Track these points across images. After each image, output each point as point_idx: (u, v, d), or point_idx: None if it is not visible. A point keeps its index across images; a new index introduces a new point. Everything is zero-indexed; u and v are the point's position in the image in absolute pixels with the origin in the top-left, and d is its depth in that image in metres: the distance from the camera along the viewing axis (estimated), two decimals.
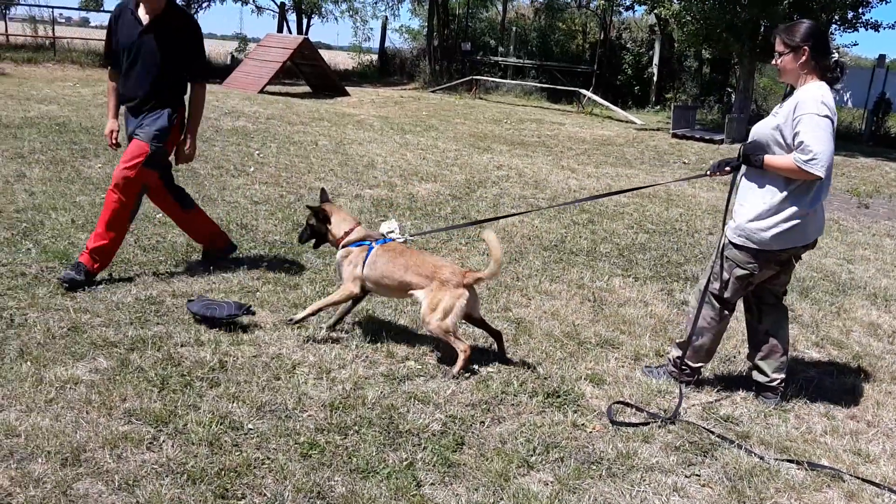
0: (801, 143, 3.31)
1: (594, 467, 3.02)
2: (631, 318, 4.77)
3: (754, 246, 3.53)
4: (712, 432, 3.40)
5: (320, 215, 4.14)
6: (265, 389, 3.37)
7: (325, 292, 4.76)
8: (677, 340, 3.91)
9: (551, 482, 2.90)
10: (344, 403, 3.31)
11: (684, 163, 13.00)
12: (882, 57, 21.18)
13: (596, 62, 25.59)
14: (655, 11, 19.93)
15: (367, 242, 4.07)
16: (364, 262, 3.98)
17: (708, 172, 3.86)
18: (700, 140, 16.32)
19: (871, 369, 4.37)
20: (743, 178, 3.66)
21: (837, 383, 4.11)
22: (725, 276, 3.66)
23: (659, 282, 5.66)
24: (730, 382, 3.99)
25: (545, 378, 3.76)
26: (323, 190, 4.37)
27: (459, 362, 3.68)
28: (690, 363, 3.82)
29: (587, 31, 28.68)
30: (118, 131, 4.87)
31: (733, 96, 20.89)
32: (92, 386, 3.21)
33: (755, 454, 3.23)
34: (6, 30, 23.35)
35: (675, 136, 16.79)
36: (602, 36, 26.60)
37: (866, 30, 17.32)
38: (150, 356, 3.58)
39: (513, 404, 3.49)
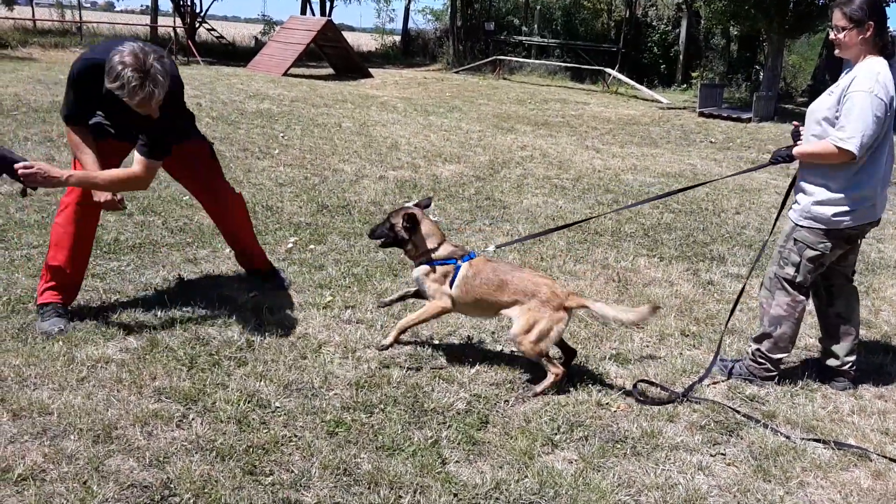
0: (840, 120, 3.28)
1: (619, 446, 3.03)
2: (656, 297, 4.75)
3: (823, 226, 3.48)
4: (738, 411, 3.38)
5: (411, 222, 3.63)
6: (292, 368, 3.40)
7: (350, 273, 4.80)
8: (754, 335, 3.80)
9: (576, 460, 2.91)
10: (369, 382, 3.34)
11: (711, 142, 12.85)
12: None
13: (621, 41, 25.30)
14: None
15: (454, 261, 3.62)
16: (452, 282, 3.58)
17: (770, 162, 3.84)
18: (727, 119, 16.09)
19: None
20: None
21: (866, 362, 4.06)
22: (796, 258, 3.58)
23: (684, 262, 5.62)
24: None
25: (560, 358, 3.76)
26: (429, 198, 4.01)
27: (547, 382, 3.39)
28: (771, 355, 3.69)
29: (612, 10, 28.36)
30: None
31: (761, 74, 20.57)
32: (122, 365, 3.27)
33: (781, 433, 3.21)
34: (33, 15, 23.60)
35: (701, 114, 16.57)
36: (627, 14, 26.27)
37: None
38: (179, 336, 3.64)
39: (532, 381, 3.49)
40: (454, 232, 5.98)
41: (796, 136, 3.69)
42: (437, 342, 3.86)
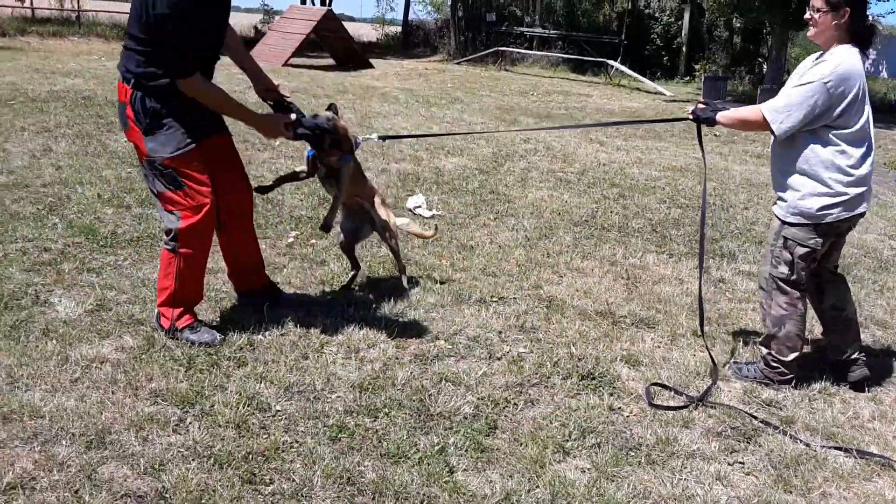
0: (781, 92, 3.34)
1: (633, 454, 2.92)
2: (666, 296, 4.63)
3: (811, 221, 3.39)
4: (755, 417, 3.27)
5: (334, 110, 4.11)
6: (293, 369, 3.29)
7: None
8: (760, 339, 3.70)
9: (588, 469, 2.80)
10: (373, 384, 3.22)
11: (716, 135, 12.70)
12: None
13: (623, 32, 25.12)
14: None
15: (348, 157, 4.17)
16: None
17: (690, 116, 3.80)
18: None
19: None
20: (777, 150, 3.50)
21: (883, 365, 3.95)
22: (788, 256, 3.48)
23: (694, 258, 5.50)
24: None
25: (579, 359, 3.65)
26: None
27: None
28: (782, 357, 3.57)
29: (614, 1, 28.15)
30: None
31: (765, 67, 20.41)
32: (118, 365, 3.16)
33: (801, 441, 3.10)
34: (32, 3, 23.37)
35: None
36: (630, 5, 26.08)
37: None
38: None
39: (546, 386, 3.38)
40: (458, 227, 5.86)
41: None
42: (442, 341, 3.74)
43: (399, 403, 3.09)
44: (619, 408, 3.26)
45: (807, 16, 3.39)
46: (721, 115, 3.57)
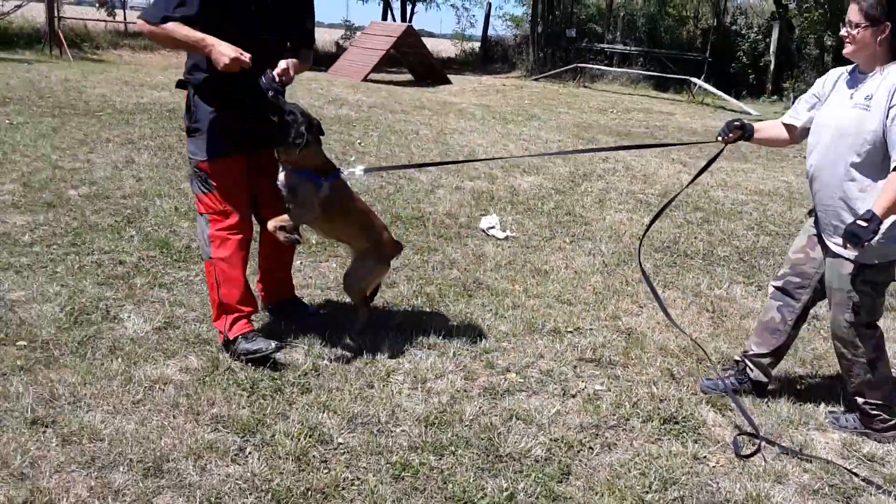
0: None
1: None
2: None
3: (892, 258, 3.09)
4: (856, 474, 2.97)
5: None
6: (357, 399, 3.16)
7: (422, 292, 4.54)
8: (852, 390, 3.35)
9: None
10: (440, 419, 3.06)
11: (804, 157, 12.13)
12: None
13: (708, 49, 24.45)
14: None
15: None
16: None
17: (718, 138, 3.48)
18: None
19: None
20: (845, 185, 3.08)
21: None
22: (869, 301, 3.14)
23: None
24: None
25: (661, 400, 3.40)
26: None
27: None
28: (883, 402, 3.26)
29: (699, 17, 27.46)
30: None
31: None
32: (181, 387, 3.09)
33: None
34: (125, 17, 24.33)
35: None
36: (715, 22, 25.40)
37: None
38: (241, 359, 3.44)
39: (625, 429, 3.16)
40: (533, 250, 5.67)
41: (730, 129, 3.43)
42: (513, 374, 3.56)
43: (466, 441, 2.92)
44: (705, 457, 3.00)
45: (843, 32, 3.08)
46: (881, 209, 2.89)
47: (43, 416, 2.77)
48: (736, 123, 3.41)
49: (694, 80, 21.50)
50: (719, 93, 20.59)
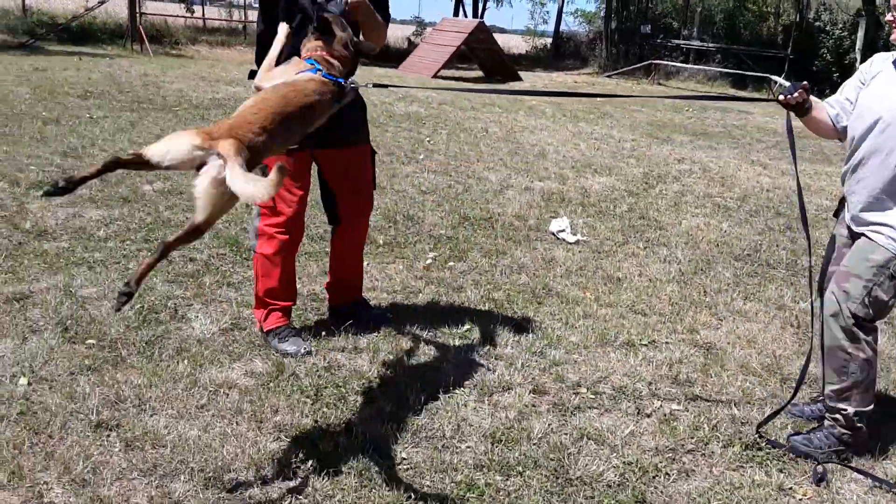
0: None
1: None
2: None
3: None
4: None
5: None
6: (422, 411, 3.06)
7: (490, 297, 4.42)
8: (837, 391, 3.02)
9: None
10: (507, 436, 2.94)
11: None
12: None
13: (790, 46, 23.54)
14: None
15: None
16: None
17: (780, 96, 3.03)
18: None
19: None
20: (886, 166, 2.84)
21: None
22: (884, 298, 2.87)
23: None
24: None
25: (743, 423, 3.20)
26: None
27: None
28: (865, 409, 3.01)
29: (780, 13, 26.49)
30: None
31: None
32: (245, 392, 3.05)
33: None
34: (203, 13, 24.93)
35: None
36: (798, 18, 24.44)
37: None
38: (307, 360, 3.39)
39: (704, 454, 2.97)
40: (605, 255, 5.48)
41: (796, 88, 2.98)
42: (584, 389, 3.40)
43: (535, 462, 2.79)
44: (791, 488, 2.80)
45: (889, 17, 2.84)
46: None
47: (108, 419, 2.76)
48: (805, 83, 3.01)
49: (774, 77, 20.74)
50: None
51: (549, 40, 29.63)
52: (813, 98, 3.05)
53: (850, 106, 3.03)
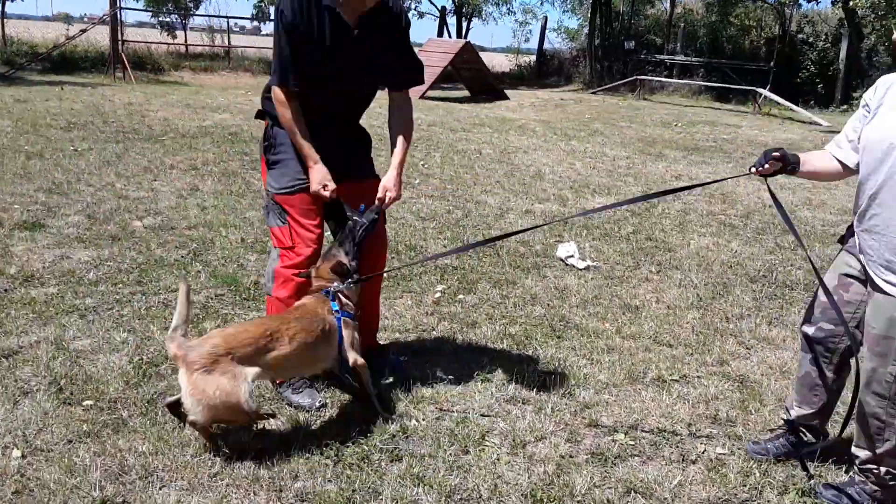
0: None
1: None
2: None
3: None
4: None
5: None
6: (453, 468, 2.82)
7: (506, 333, 4.20)
8: (870, 455, 2.78)
9: None
10: (548, 495, 2.70)
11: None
12: None
13: (773, 59, 23.64)
14: (850, 5, 18.01)
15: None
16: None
17: (752, 169, 2.88)
18: None
19: None
20: (888, 200, 2.60)
21: None
22: None
23: None
24: None
25: (794, 466, 2.99)
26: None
27: None
28: None
29: (762, 27, 26.63)
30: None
31: None
32: (260, 456, 2.80)
33: None
34: (186, 39, 24.70)
35: None
36: (780, 31, 24.57)
37: None
38: (322, 413, 3.15)
39: None
40: (618, 281, 5.28)
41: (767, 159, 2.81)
42: (621, 434, 3.17)
43: None
44: None
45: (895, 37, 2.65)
46: None
47: (112, 495, 2.50)
48: (775, 154, 2.80)
49: (760, 90, 20.77)
50: (787, 103, 19.82)
51: (533, 57, 29.59)
52: (801, 155, 2.87)
53: (857, 140, 2.79)
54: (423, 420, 3.16)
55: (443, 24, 28.41)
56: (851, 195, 9.08)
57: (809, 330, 2.94)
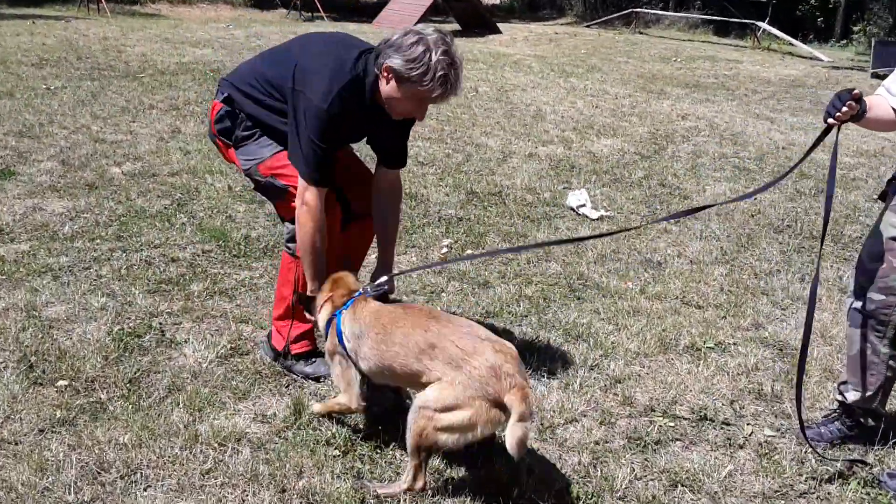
0: None
1: None
2: None
3: None
4: None
5: None
6: (479, 458, 2.50)
7: (522, 294, 3.87)
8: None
9: None
10: (586, 490, 2.39)
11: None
12: None
13: None
14: None
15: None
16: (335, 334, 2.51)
17: (828, 119, 2.46)
18: None
19: None
20: None
21: None
22: None
23: None
24: None
25: (851, 451, 2.70)
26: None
27: (401, 485, 2.28)
28: None
29: None
30: None
31: None
32: (259, 447, 2.46)
33: None
34: None
35: (875, 76, 14.49)
36: None
37: None
38: (327, 394, 2.81)
39: (820, 498, 2.46)
40: (634, 233, 4.92)
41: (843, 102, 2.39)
42: (658, 414, 2.86)
43: None
44: None
45: None
46: None
47: (90, 499, 2.17)
48: (856, 92, 2.40)
49: (760, 24, 20.13)
50: (787, 37, 19.23)
51: None
52: (867, 98, 2.48)
53: None
54: None
55: None
56: (863, 135, 8.67)
57: (857, 304, 2.64)
